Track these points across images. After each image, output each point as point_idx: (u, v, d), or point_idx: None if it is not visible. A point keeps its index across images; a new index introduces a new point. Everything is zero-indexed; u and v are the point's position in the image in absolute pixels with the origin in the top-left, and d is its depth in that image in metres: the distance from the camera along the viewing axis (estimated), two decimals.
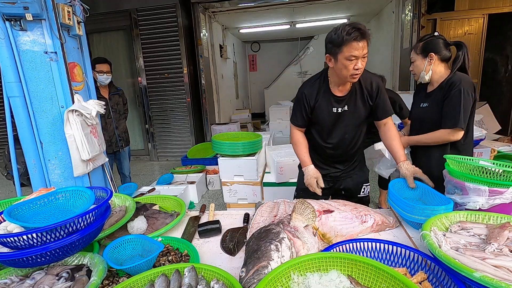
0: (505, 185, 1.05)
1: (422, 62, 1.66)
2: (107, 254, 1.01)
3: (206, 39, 5.88)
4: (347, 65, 1.35)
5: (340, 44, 1.32)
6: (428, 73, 1.66)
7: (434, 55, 1.62)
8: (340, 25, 1.33)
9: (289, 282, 0.78)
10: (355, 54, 1.31)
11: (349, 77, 1.39)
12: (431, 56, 1.62)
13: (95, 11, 5.06)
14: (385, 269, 0.76)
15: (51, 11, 1.87)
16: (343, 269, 0.81)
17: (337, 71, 1.42)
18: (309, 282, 0.77)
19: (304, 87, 1.59)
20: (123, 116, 3.31)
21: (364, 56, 1.34)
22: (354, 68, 1.34)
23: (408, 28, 5.10)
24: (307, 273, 0.81)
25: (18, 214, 1.03)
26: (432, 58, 1.63)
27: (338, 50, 1.34)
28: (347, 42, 1.30)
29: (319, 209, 1.28)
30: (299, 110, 1.60)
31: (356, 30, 1.28)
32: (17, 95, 1.93)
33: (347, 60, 1.33)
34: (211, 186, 4.07)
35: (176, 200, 1.58)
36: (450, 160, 1.26)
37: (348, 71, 1.36)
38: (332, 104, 1.53)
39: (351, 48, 1.30)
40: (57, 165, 2.07)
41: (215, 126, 5.62)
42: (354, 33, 1.28)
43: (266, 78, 10.24)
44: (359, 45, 1.30)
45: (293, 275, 0.79)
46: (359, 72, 1.38)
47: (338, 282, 0.77)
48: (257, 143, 2.68)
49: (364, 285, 0.78)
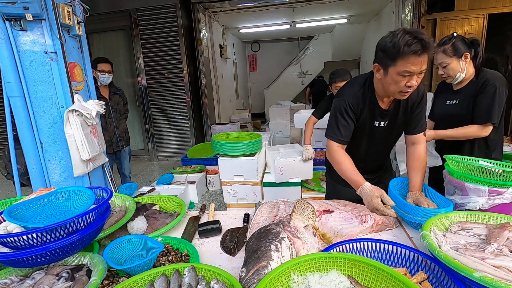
0: (505, 185, 1.05)
1: (458, 63, 1.64)
2: (107, 254, 1.01)
3: (206, 39, 5.88)
4: (398, 81, 1.14)
5: (395, 57, 1.10)
6: (463, 72, 1.65)
7: (469, 54, 1.62)
8: (399, 31, 1.10)
9: (289, 282, 0.78)
10: (411, 70, 1.10)
11: (397, 94, 1.20)
12: (466, 56, 1.62)
13: (95, 11, 5.06)
14: (385, 269, 0.76)
15: (51, 11, 1.87)
16: (343, 269, 0.81)
17: (384, 85, 1.23)
18: (309, 282, 0.77)
19: (347, 95, 1.34)
20: (124, 116, 3.32)
21: (422, 72, 1.12)
22: (406, 85, 1.14)
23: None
24: (307, 273, 0.81)
25: (18, 214, 1.03)
26: (467, 57, 1.63)
27: (391, 62, 1.13)
28: (404, 54, 1.07)
29: (319, 209, 1.28)
30: (342, 123, 1.33)
31: (418, 42, 1.05)
32: (17, 95, 1.93)
33: (400, 76, 1.13)
34: (211, 186, 4.07)
35: (176, 200, 1.58)
36: (449, 160, 1.26)
37: (398, 87, 1.16)
38: (375, 117, 1.34)
39: (408, 62, 1.08)
40: (57, 165, 2.07)
41: (215, 126, 5.62)
42: (415, 45, 1.05)
43: (266, 78, 10.25)
44: (419, 60, 1.08)
45: (293, 275, 0.79)
46: (411, 91, 1.17)
47: (338, 282, 0.77)
48: (257, 143, 2.68)
49: (364, 285, 0.78)
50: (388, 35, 1.13)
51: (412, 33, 1.07)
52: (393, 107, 1.34)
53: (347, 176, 1.30)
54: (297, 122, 3.85)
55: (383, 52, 1.15)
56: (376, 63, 1.21)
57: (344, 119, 1.33)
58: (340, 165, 1.33)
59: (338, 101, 1.35)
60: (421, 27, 4.96)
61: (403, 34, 1.08)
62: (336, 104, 1.36)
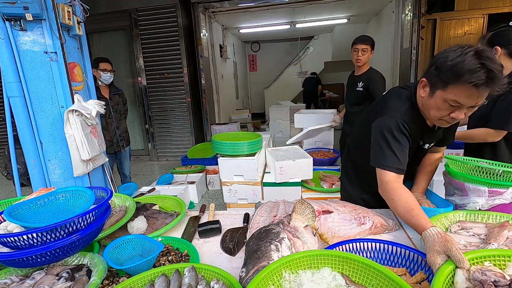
0: (505, 185, 1.05)
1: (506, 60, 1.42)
2: (107, 254, 1.01)
3: (206, 39, 5.88)
4: (442, 109, 0.96)
5: (449, 80, 0.90)
6: None
7: (499, 49, 1.41)
8: (470, 49, 0.88)
9: (280, 281, 0.78)
10: (463, 102, 0.91)
11: (436, 120, 1.03)
12: (496, 50, 1.41)
13: (95, 11, 5.06)
14: (375, 266, 0.77)
15: (51, 11, 1.87)
16: (334, 267, 0.81)
17: (424, 105, 1.05)
18: (301, 280, 0.77)
19: (397, 111, 1.08)
20: (124, 116, 3.32)
21: (476, 106, 0.93)
22: (450, 115, 0.96)
23: (408, 28, 5.10)
24: (299, 270, 0.80)
25: (18, 214, 1.03)
26: (497, 52, 1.41)
27: (442, 85, 0.93)
28: (462, 81, 0.87)
29: (318, 209, 1.28)
30: (396, 146, 1.05)
31: (486, 72, 0.84)
32: (17, 95, 1.93)
33: (446, 103, 0.94)
34: (211, 186, 4.07)
35: (176, 200, 1.58)
36: (449, 161, 1.26)
37: (440, 114, 0.98)
38: (423, 138, 1.16)
39: (462, 92, 0.89)
40: (57, 165, 2.07)
41: (215, 126, 5.62)
42: (480, 75, 0.84)
43: (266, 78, 10.25)
44: (480, 93, 0.87)
45: (285, 273, 0.79)
46: (453, 123, 1.01)
47: (331, 279, 0.76)
48: (257, 143, 2.68)
49: (357, 283, 0.78)
50: (453, 49, 0.91)
51: (484, 59, 0.85)
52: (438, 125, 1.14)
53: (405, 218, 0.97)
54: (297, 122, 3.85)
55: (437, 70, 0.94)
56: (425, 77, 1.00)
57: (397, 141, 1.05)
58: (393, 202, 1.02)
59: (386, 120, 1.08)
60: (421, 27, 4.96)
61: (472, 56, 0.86)
62: (383, 124, 1.08)
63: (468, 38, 5.25)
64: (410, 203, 0.96)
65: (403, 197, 0.99)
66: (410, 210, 0.94)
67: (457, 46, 0.92)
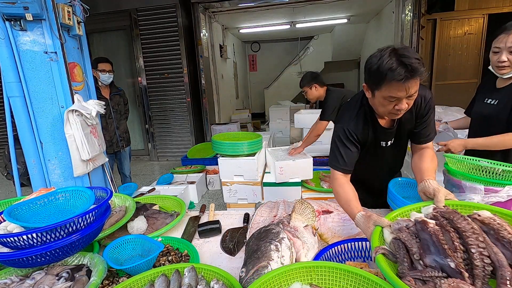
0: (501, 184, 1.06)
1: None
2: (107, 254, 1.01)
3: (206, 39, 5.88)
4: (385, 105, 1.08)
5: (379, 82, 1.02)
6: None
7: None
8: (386, 51, 1.00)
9: None
10: (397, 95, 1.02)
11: (388, 114, 1.13)
12: None
13: (95, 11, 5.06)
14: (339, 267, 0.78)
15: (51, 11, 1.87)
16: (302, 279, 0.80)
17: (373, 106, 1.17)
18: None
19: (345, 121, 1.25)
20: (124, 116, 3.32)
21: (412, 95, 1.03)
22: (395, 108, 1.07)
23: (408, 28, 5.10)
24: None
25: (18, 214, 1.03)
26: None
27: (375, 86, 1.06)
28: (388, 80, 0.99)
29: (318, 209, 1.29)
30: (343, 149, 1.22)
31: (403, 67, 0.95)
32: (17, 95, 1.93)
33: (386, 100, 1.06)
34: (211, 186, 4.07)
35: (176, 200, 1.58)
36: (448, 159, 1.27)
37: (386, 110, 1.10)
38: (380, 137, 1.27)
39: (392, 88, 1.00)
40: (57, 165, 2.07)
41: (215, 126, 5.62)
42: (399, 71, 0.95)
43: (266, 78, 10.24)
44: (406, 86, 0.98)
45: None
46: (402, 113, 1.10)
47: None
48: (257, 143, 2.68)
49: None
50: (375, 54, 1.03)
51: (399, 56, 0.96)
52: (397, 122, 1.24)
53: (343, 205, 1.14)
54: (297, 122, 3.85)
55: (368, 75, 1.08)
56: (365, 83, 1.14)
57: (345, 146, 1.23)
58: (337, 195, 1.19)
59: (337, 128, 1.26)
60: (421, 27, 4.96)
61: (388, 56, 0.98)
62: (335, 131, 1.27)
63: (468, 38, 5.25)
64: (350, 197, 1.12)
65: (346, 191, 1.15)
66: (349, 201, 1.10)
67: (378, 50, 1.04)
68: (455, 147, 1.46)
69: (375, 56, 1.03)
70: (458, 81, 5.44)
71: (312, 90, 2.67)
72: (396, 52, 0.98)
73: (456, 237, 0.70)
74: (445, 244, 0.68)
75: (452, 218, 0.74)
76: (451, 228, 0.73)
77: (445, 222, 0.75)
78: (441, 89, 5.49)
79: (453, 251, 0.67)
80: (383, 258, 0.72)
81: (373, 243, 0.79)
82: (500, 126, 1.44)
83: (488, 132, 1.47)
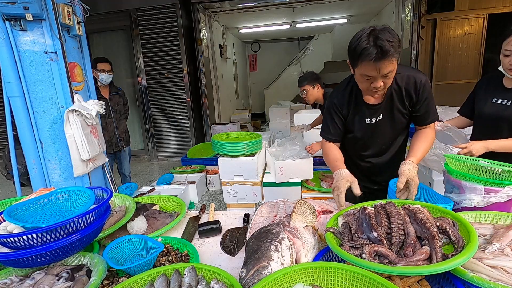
0: (501, 184, 1.06)
1: None
2: (107, 254, 1.01)
3: (206, 39, 5.88)
4: (362, 82, 1.17)
5: (355, 61, 1.11)
6: None
7: None
8: (364, 32, 1.08)
9: None
10: (371, 74, 1.10)
11: (367, 92, 1.22)
12: None
13: (95, 11, 5.06)
14: (340, 267, 0.78)
15: (51, 11, 1.87)
16: (305, 280, 0.80)
17: (356, 82, 1.25)
18: None
19: (333, 96, 1.38)
20: (124, 116, 3.32)
21: (387, 75, 1.10)
22: (371, 86, 1.14)
23: (408, 28, 5.10)
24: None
25: (18, 214, 1.03)
26: None
27: (353, 65, 1.15)
28: (362, 59, 1.07)
29: (318, 209, 1.28)
30: (330, 121, 1.37)
31: (375, 48, 1.03)
32: (17, 95, 1.93)
33: (362, 77, 1.14)
34: (211, 186, 4.07)
35: (176, 200, 1.58)
36: (448, 159, 1.27)
37: (365, 86, 1.18)
38: (365, 114, 1.33)
39: (367, 67, 1.09)
40: (57, 165, 2.07)
41: (215, 126, 5.62)
42: (371, 52, 1.03)
43: (266, 78, 10.24)
44: (377, 66, 1.06)
45: None
46: (380, 92, 1.18)
47: None
48: (257, 143, 2.68)
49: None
50: (357, 33, 1.10)
51: (373, 36, 1.04)
52: (384, 101, 1.28)
53: (330, 163, 1.33)
54: (297, 122, 3.85)
55: (349, 54, 1.15)
56: (348, 60, 1.20)
57: (332, 118, 1.38)
58: (325, 155, 1.38)
59: (327, 101, 1.41)
60: (421, 27, 4.96)
61: (364, 37, 1.06)
62: (326, 105, 1.42)
63: (468, 38, 5.25)
64: (337, 157, 1.33)
65: (334, 153, 1.36)
66: (335, 160, 1.31)
67: (361, 29, 1.11)
68: (477, 149, 1.37)
69: (357, 35, 1.11)
70: (458, 81, 5.44)
71: (314, 89, 2.63)
72: (373, 33, 1.05)
73: (385, 218, 0.92)
74: (373, 221, 0.92)
75: (385, 206, 0.97)
76: (383, 212, 0.95)
77: (380, 208, 0.97)
78: (441, 89, 5.49)
79: (379, 226, 0.90)
80: (331, 235, 0.93)
81: (327, 225, 0.99)
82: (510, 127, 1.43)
83: (498, 132, 1.45)
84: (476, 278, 0.72)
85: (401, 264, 0.77)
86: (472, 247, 0.76)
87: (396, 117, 1.32)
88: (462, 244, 0.81)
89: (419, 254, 0.79)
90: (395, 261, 0.78)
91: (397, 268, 0.74)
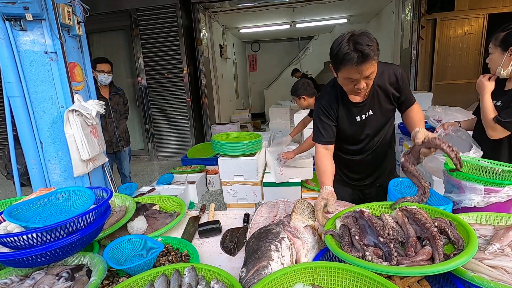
0: (501, 184, 1.06)
1: (500, 56, 1.42)
2: (107, 254, 1.01)
3: (206, 39, 5.88)
4: (346, 84, 1.24)
5: (338, 65, 1.18)
6: (506, 69, 1.41)
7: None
8: (343, 38, 1.13)
9: None
10: (354, 77, 1.17)
11: (351, 92, 1.29)
12: (511, 51, 1.38)
13: (95, 11, 5.06)
14: (339, 267, 0.78)
15: (51, 11, 1.87)
16: (305, 280, 0.80)
17: (340, 84, 1.31)
18: None
19: (321, 98, 1.44)
20: (124, 116, 3.32)
21: (368, 76, 1.17)
22: (355, 87, 1.21)
23: (408, 28, 5.10)
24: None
25: (18, 214, 1.03)
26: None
27: (336, 69, 1.22)
28: (344, 64, 1.14)
29: None
30: (320, 124, 1.41)
31: (356, 52, 1.09)
32: (17, 95, 1.93)
33: (346, 80, 1.21)
34: (211, 186, 4.07)
35: (176, 200, 1.58)
36: (448, 159, 1.27)
37: (348, 89, 1.25)
38: (354, 113, 1.38)
39: (350, 71, 1.15)
40: (57, 165, 2.07)
41: (215, 126, 5.62)
42: (352, 57, 1.09)
43: (266, 78, 10.24)
44: (359, 69, 1.12)
45: None
46: (363, 92, 1.25)
47: None
48: (257, 143, 2.68)
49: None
50: (337, 39, 1.15)
51: (353, 41, 1.09)
52: (370, 97, 1.34)
53: (318, 177, 1.34)
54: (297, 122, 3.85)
55: (331, 59, 1.21)
56: (330, 65, 1.26)
57: (322, 121, 1.41)
58: (316, 166, 1.39)
59: (316, 105, 1.45)
60: (421, 27, 4.96)
61: (344, 43, 1.11)
62: (314, 110, 1.46)
63: (468, 38, 5.25)
64: (327, 168, 1.32)
65: (325, 164, 1.35)
66: (323, 172, 1.30)
67: (340, 35, 1.15)
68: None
69: (337, 41, 1.15)
70: (458, 81, 5.44)
71: (300, 100, 2.64)
72: (352, 39, 1.11)
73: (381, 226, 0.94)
74: (377, 227, 0.92)
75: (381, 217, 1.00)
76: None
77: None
78: (441, 89, 5.50)
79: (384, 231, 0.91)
80: (331, 237, 0.93)
81: (325, 228, 0.99)
82: None
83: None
84: (477, 277, 0.72)
85: (405, 264, 0.77)
86: (473, 246, 0.76)
87: (384, 110, 1.40)
88: (462, 244, 0.81)
89: (422, 254, 0.79)
90: (399, 262, 0.79)
91: (399, 268, 0.74)
